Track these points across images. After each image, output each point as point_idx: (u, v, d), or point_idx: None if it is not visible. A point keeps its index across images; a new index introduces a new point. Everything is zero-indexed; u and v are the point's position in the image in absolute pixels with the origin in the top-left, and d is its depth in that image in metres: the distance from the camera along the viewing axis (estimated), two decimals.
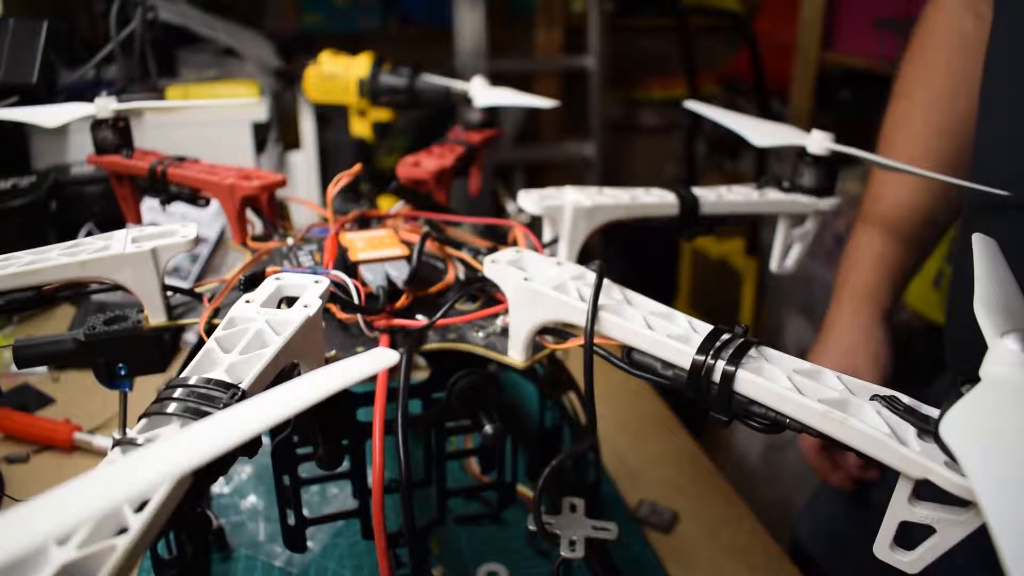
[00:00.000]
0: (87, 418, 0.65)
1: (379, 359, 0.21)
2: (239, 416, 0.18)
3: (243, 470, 0.61)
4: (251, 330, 0.32)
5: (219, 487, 0.59)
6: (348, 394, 0.43)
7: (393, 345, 0.42)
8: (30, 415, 0.66)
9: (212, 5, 1.29)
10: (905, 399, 0.29)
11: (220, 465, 0.28)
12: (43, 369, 0.72)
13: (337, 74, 0.91)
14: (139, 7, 1.03)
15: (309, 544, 0.49)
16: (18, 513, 0.15)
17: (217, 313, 0.42)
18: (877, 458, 0.27)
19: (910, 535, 0.28)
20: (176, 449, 0.17)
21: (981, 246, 0.34)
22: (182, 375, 0.30)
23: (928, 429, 0.27)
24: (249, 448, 0.28)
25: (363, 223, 0.55)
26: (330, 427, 0.43)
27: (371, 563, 0.53)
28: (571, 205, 0.47)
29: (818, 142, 0.54)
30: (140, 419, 0.28)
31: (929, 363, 1.14)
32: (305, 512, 0.46)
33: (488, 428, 0.43)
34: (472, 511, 0.56)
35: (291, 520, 0.46)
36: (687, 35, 1.78)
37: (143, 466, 0.16)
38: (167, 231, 0.42)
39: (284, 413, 0.18)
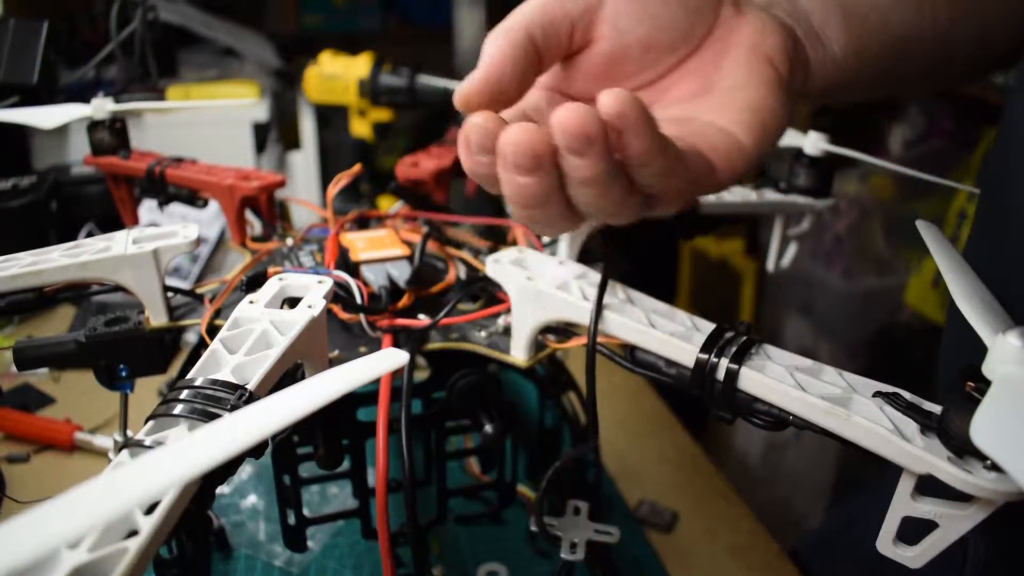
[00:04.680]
0: (87, 418, 0.65)
1: (388, 360, 0.21)
2: (251, 418, 0.18)
3: (243, 470, 0.61)
4: (256, 331, 0.32)
5: (220, 487, 0.59)
6: (349, 393, 0.43)
7: (396, 345, 0.42)
8: (31, 415, 0.66)
9: (212, 5, 1.29)
10: (907, 396, 0.29)
11: (229, 467, 0.28)
12: (44, 369, 0.72)
13: (337, 74, 0.92)
14: (139, 7, 1.03)
15: (309, 544, 0.49)
16: (30, 516, 0.15)
17: (218, 314, 0.42)
18: (881, 454, 0.27)
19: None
20: (188, 452, 0.17)
21: (933, 239, 0.33)
22: (188, 376, 0.30)
23: (931, 425, 0.27)
24: (257, 449, 0.28)
25: (363, 223, 0.55)
26: (331, 427, 0.43)
27: (371, 563, 0.53)
28: None
29: (814, 143, 0.54)
30: (147, 421, 0.28)
31: (929, 363, 1.15)
32: (305, 512, 0.46)
33: (488, 428, 0.43)
34: (472, 511, 0.56)
35: (291, 520, 0.46)
36: None
37: (155, 469, 0.16)
38: (168, 232, 0.42)
39: (296, 415, 0.18)
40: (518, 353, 0.40)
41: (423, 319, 0.43)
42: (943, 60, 0.40)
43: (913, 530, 0.28)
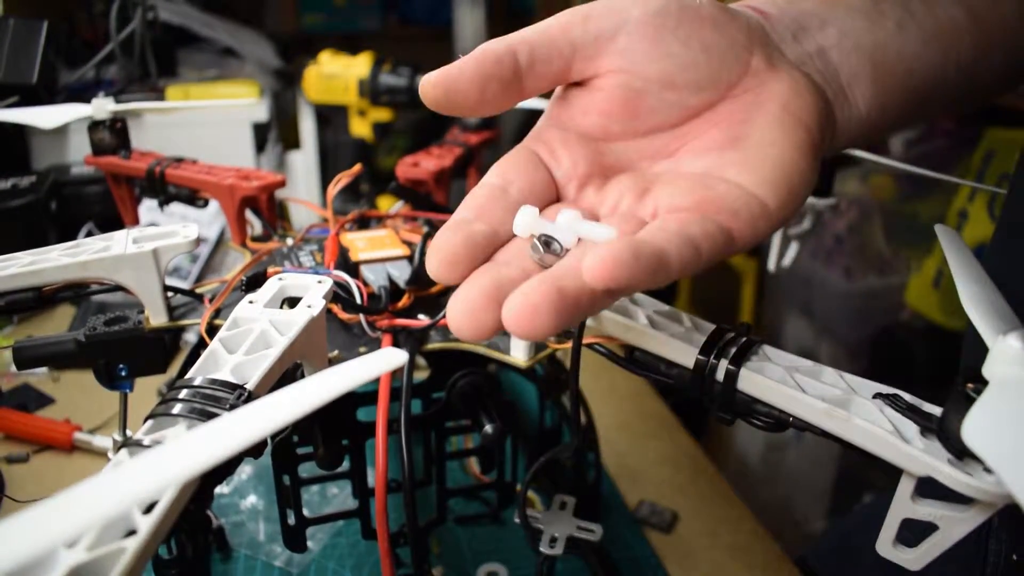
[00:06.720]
0: (87, 418, 0.65)
1: (388, 359, 0.21)
2: (250, 417, 0.18)
3: (243, 470, 0.61)
4: (255, 330, 0.32)
5: (219, 487, 0.59)
6: (348, 394, 0.43)
7: (396, 345, 0.42)
8: (30, 415, 0.66)
9: (212, 5, 1.29)
10: (907, 397, 0.29)
11: (227, 467, 0.28)
12: (43, 369, 0.72)
13: (337, 74, 0.92)
14: (139, 7, 1.03)
15: (309, 544, 0.49)
16: (28, 515, 0.15)
17: (218, 314, 0.42)
18: (880, 456, 0.27)
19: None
20: (186, 451, 0.17)
21: (949, 241, 0.33)
22: (187, 376, 0.29)
23: (931, 427, 0.27)
24: (255, 449, 0.28)
25: (363, 223, 0.55)
26: (330, 427, 0.43)
27: (371, 563, 0.53)
28: None
29: None
30: (146, 420, 0.28)
31: (929, 363, 1.14)
32: (305, 512, 0.46)
33: (488, 428, 0.43)
34: (472, 511, 0.56)
35: (291, 520, 0.46)
36: None
37: (153, 468, 0.16)
38: (168, 231, 0.42)
39: (295, 414, 0.18)
40: (518, 353, 0.39)
41: (423, 319, 0.43)
42: (967, 92, 0.38)
43: (913, 532, 0.28)
